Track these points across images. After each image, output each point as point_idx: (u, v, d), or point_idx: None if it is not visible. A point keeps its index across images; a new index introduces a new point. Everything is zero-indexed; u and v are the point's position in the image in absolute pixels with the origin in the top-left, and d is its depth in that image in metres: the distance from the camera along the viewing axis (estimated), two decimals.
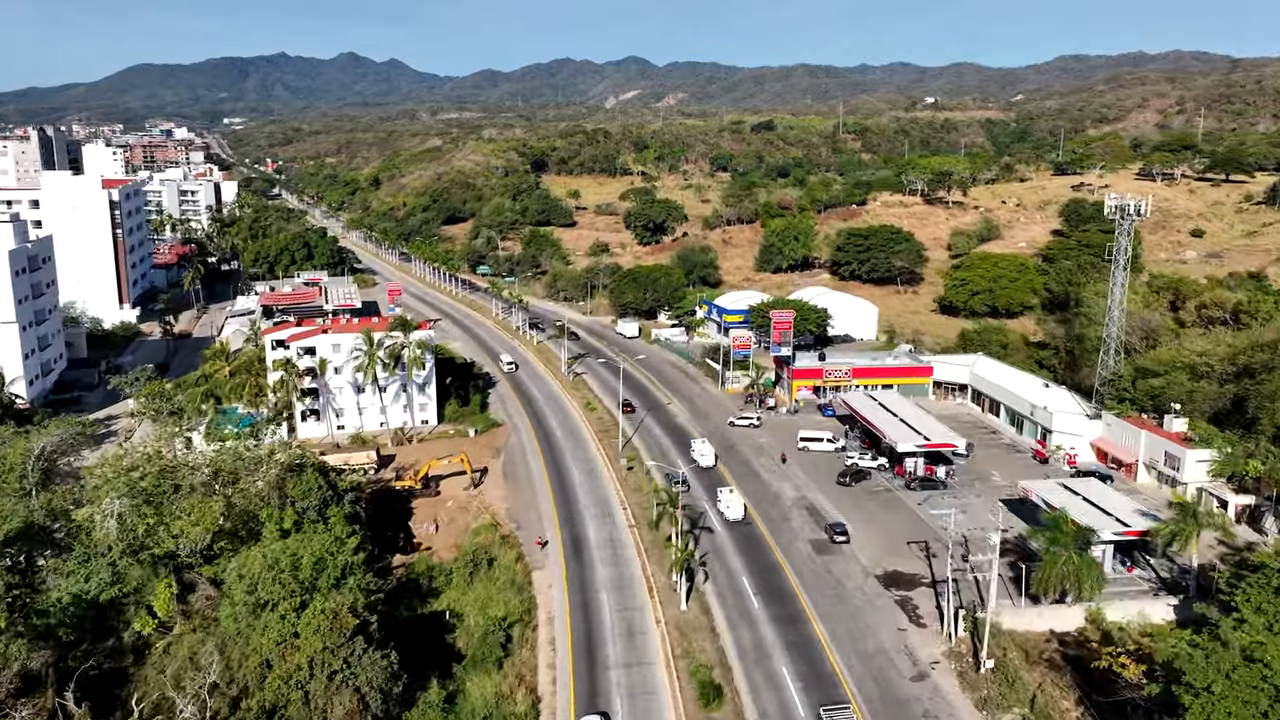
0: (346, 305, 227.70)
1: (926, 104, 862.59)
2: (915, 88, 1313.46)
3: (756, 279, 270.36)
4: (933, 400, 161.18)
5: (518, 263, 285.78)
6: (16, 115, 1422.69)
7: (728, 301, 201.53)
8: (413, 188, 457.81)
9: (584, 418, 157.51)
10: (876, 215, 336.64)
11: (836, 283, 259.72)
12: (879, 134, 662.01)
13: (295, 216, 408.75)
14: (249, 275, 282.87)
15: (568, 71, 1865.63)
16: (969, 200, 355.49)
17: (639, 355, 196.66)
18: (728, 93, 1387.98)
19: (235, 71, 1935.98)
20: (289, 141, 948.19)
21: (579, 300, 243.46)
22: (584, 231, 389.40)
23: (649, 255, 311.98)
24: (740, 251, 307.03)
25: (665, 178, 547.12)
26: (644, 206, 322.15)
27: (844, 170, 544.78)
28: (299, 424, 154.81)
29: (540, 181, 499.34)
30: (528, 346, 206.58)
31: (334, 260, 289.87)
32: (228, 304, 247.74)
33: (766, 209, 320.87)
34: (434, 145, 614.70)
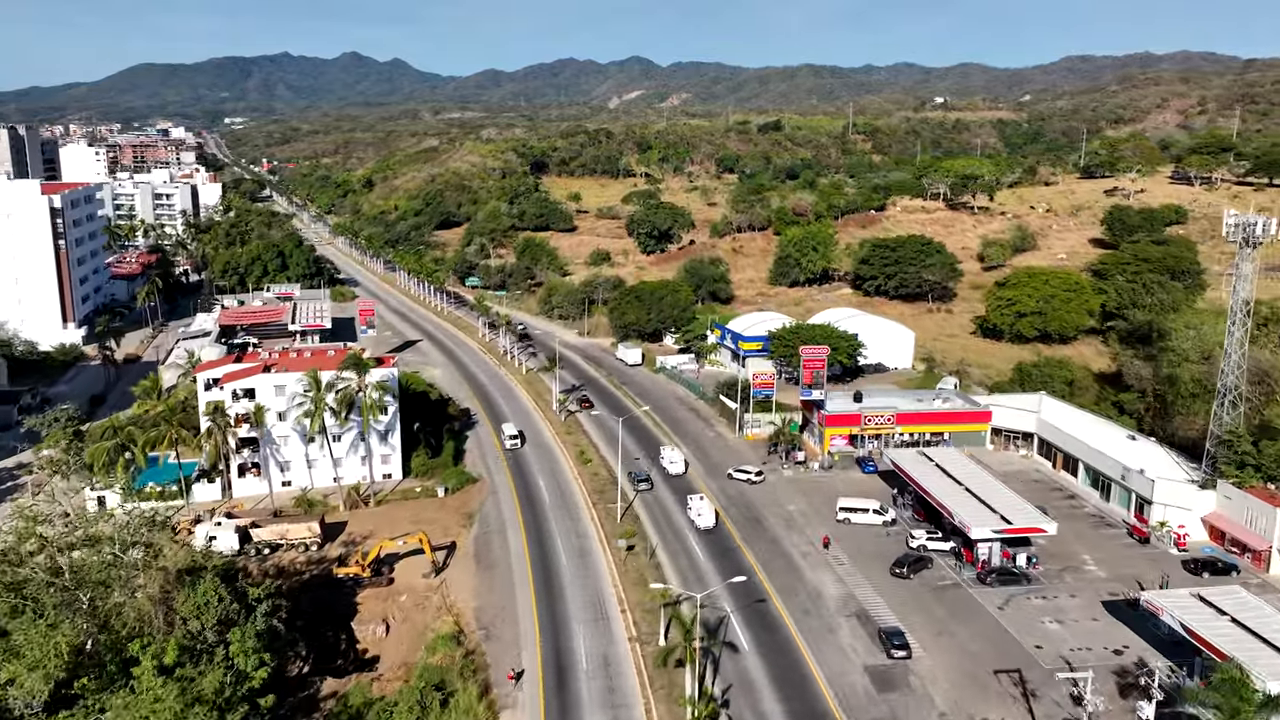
0: (315, 326, 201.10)
1: (936, 104, 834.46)
2: (921, 88, 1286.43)
3: (771, 293, 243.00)
4: (990, 450, 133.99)
5: (510, 274, 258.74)
6: (17, 114, 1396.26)
7: (744, 326, 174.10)
8: (405, 190, 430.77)
9: (576, 471, 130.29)
10: (897, 222, 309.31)
11: (860, 299, 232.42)
12: (890, 135, 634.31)
13: (279, 221, 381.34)
14: (216, 288, 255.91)
15: (571, 71, 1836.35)
16: (995, 205, 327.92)
17: (642, 388, 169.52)
18: (732, 93, 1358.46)
19: (238, 71, 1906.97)
20: (286, 141, 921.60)
21: (575, 319, 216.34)
22: (584, 237, 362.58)
23: (653, 265, 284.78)
24: (752, 262, 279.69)
25: (669, 179, 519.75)
26: (648, 212, 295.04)
27: (854, 172, 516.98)
28: (235, 480, 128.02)
29: (540, 183, 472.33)
30: (515, 375, 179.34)
31: (310, 271, 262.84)
32: (189, 321, 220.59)
33: (780, 215, 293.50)
34: (430, 146, 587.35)
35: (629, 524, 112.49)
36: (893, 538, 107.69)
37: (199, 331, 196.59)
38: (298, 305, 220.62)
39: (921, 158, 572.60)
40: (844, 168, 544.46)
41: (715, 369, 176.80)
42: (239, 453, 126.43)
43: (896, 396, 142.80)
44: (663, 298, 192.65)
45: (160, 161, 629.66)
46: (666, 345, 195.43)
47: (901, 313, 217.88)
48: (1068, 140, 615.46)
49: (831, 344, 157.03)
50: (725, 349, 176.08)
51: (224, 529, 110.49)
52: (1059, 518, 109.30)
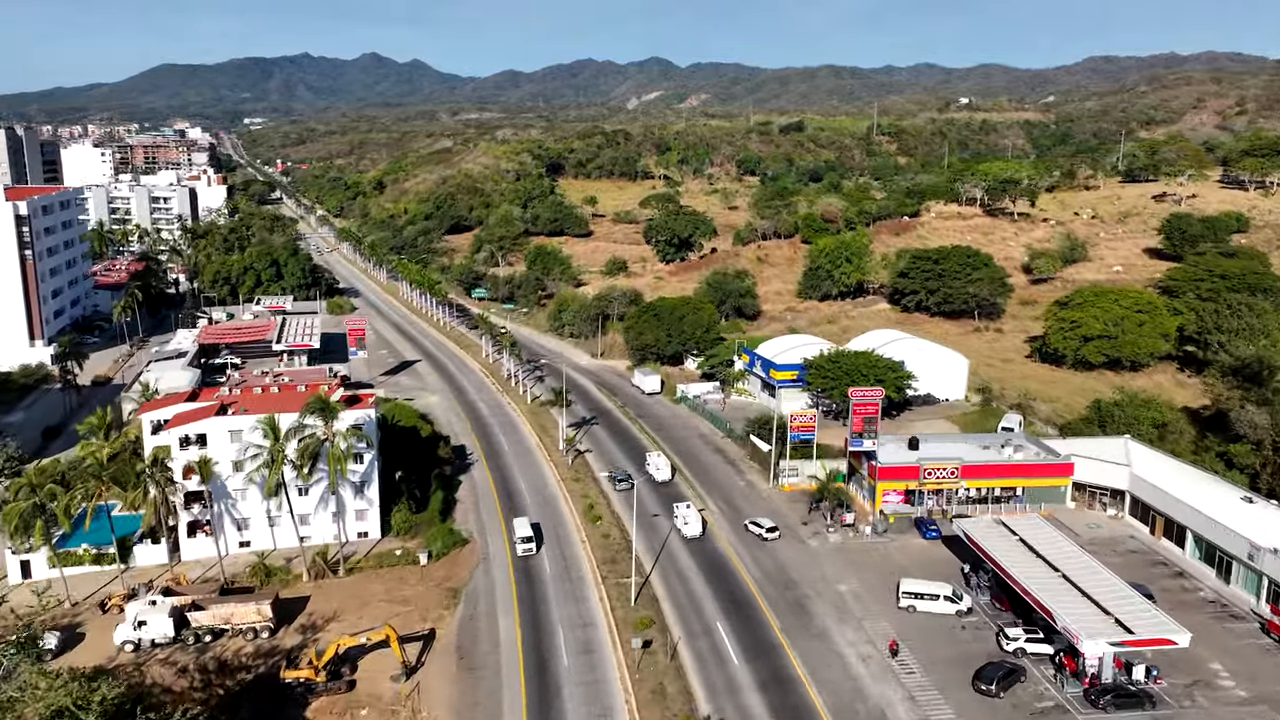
0: (302, 345, 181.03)
1: (961, 104, 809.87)
2: (943, 89, 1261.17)
3: (801, 308, 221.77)
4: (1072, 508, 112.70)
5: (519, 285, 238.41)
6: (40, 115, 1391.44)
7: (775, 351, 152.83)
8: (416, 193, 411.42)
9: (584, 532, 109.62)
10: (933, 229, 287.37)
11: (898, 315, 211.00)
12: (915, 136, 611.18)
13: (284, 225, 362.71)
14: (205, 299, 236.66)
15: (589, 72, 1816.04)
16: (1036, 211, 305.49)
17: (660, 421, 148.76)
18: (751, 93, 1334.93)
19: (258, 72, 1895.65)
20: (302, 142, 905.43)
21: (588, 337, 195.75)
22: (600, 243, 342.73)
23: (673, 275, 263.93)
24: (779, 272, 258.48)
25: (689, 182, 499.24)
26: (668, 219, 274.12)
27: (879, 174, 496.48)
28: (184, 540, 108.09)
29: (555, 186, 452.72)
30: (519, 404, 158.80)
31: (306, 281, 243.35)
32: (169, 337, 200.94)
33: (808, 222, 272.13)
34: (444, 147, 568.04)
35: (645, 608, 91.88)
36: (969, 631, 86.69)
37: (174, 352, 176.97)
38: (287, 321, 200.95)
39: (951, 159, 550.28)
40: (869, 170, 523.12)
41: (743, 399, 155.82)
42: (189, 509, 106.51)
43: (958, 442, 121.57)
44: (684, 316, 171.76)
45: (172, 163, 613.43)
46: (688, 370, 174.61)
47: (945, 332, 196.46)
48: (1098, 142, 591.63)
49: (877, 375, 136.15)
50: (754, 377, 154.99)
51: (157, 612, 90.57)
52: (1170, 604, 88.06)
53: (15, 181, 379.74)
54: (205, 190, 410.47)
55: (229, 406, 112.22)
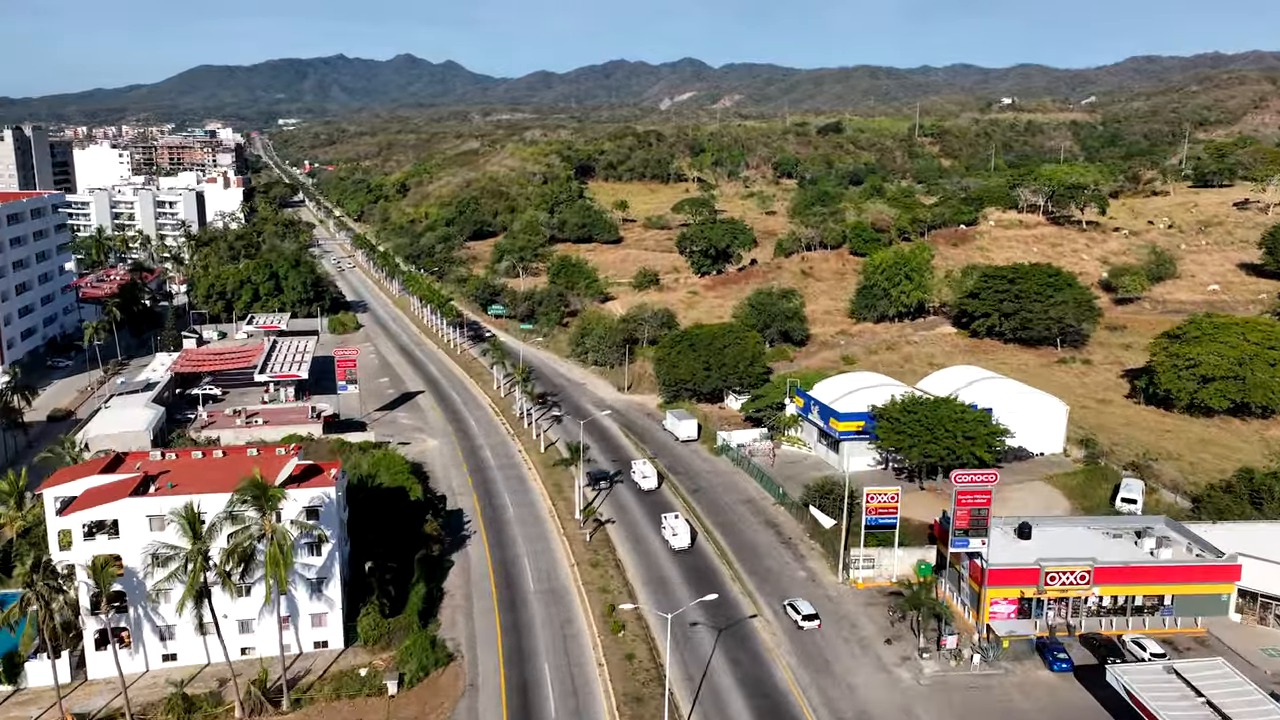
0: (287, 376, 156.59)
1: (1003, 105, 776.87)
2: (980, 89, 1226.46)
3: (854, 331, 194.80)
4: (1238, 621, 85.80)
5: (540, 301, 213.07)
6: (79, 116, 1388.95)
7: (835, 394, 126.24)
8: (438, 196, 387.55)
9: (602, 648, 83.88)
10: (994, 239, 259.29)
11: (967, 341, 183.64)
12: (959, 137, 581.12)
13: (297, 231, 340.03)
14: (193, 317, 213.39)
15: (622, 73, 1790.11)
16: (1106, 220, 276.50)
17: (697, 477, 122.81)
18: (785, 94, 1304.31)
19: (293, 73, 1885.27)
20: (332, 142, 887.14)
21: (614, 365, 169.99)
22: (630, 251, 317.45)
23: (709, 290, 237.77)
24: (826, 288, 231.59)
25: (723, 185, 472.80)
26: (703, 228, 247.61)
27: (923, 177, 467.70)
28: (91, 653, 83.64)
29: (584, 189, 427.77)
30: (532, 452, 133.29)
31: (307, 295, 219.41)
32: (149, 361, 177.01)
33: (857, 232, 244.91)
34: (470, 149, 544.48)
35: None
36: None
37: (140, 384, 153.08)
38: (277, 345, 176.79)
39: (997, 162, 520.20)
40: (911, 173, 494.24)
41: (796, 451, 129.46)
42: (98, 613, 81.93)
43: (1076, 526, 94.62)
44: (725, 347, 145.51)
45: (196, 164, 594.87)
46: (729, 409, 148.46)
47: (1024, 363, 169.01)
48: (1150, 143, 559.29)
49: (965, 431, 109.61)
50: (810, 424, 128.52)
51: None
52: None
53: (23, 184, 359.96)
54: (221, 193, 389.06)
55: (154, 479, 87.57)
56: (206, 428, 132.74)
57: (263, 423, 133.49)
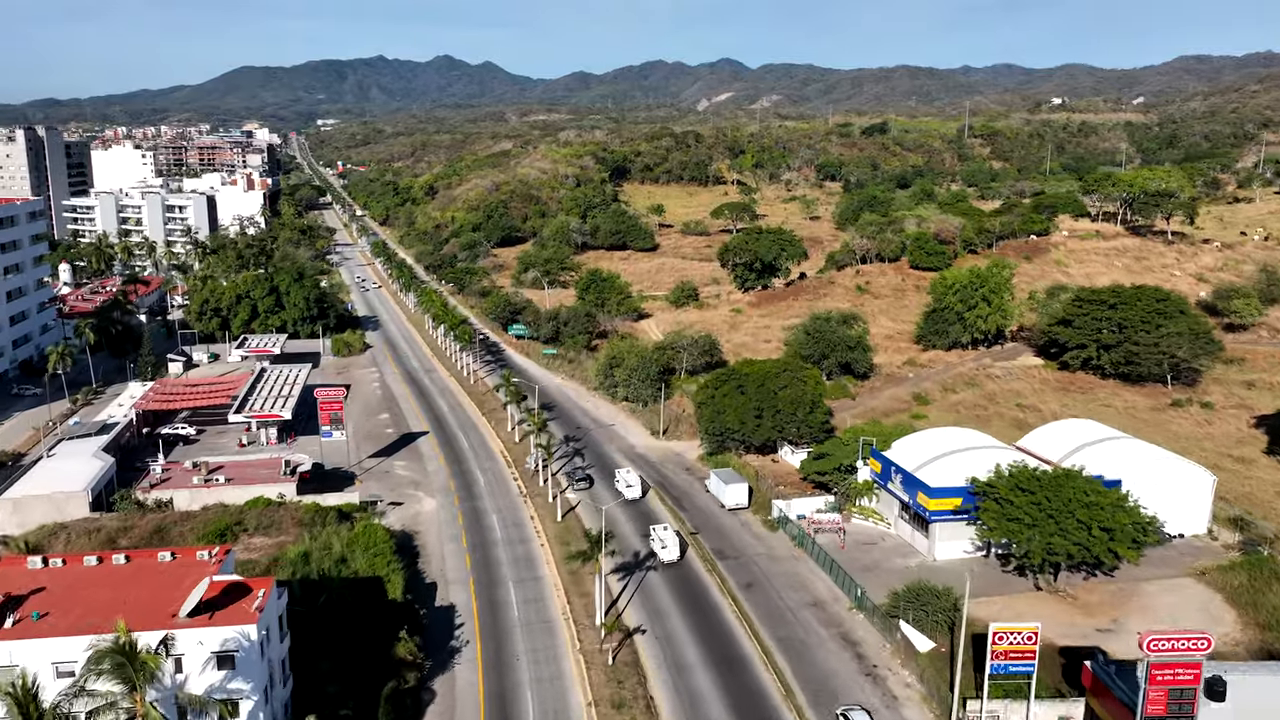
0: (267, 415, 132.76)
1: (1053, 105, 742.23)
2: (1024, 89, 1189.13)
3: (922, 360, 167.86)
4: None
5: (566, 321, 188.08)
6: (123, 116, 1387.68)
7: (921, 457, 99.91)
8: (465, 200, 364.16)
9: None
10: (1071, 253, 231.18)
11: (1058, 375, 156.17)
12: (1010, 138, 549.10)
13: (314, 237, 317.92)
14: (181, 337, 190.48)
15: (659, 74, 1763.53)
16: (1193, 230, 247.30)
17: (749, 565, 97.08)
18: (824, 95, 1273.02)
19: (334, 74, 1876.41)
20: (367, 143, 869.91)
21: (647, 403, 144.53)
22: (667, 260, 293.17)
23: (754, 308, 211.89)
24: (885, 306, 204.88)
25: (764, 188, 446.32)
26: (748, 239, 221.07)
27: (973, 180, 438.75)
28: None
29: (619, 192, 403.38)
30: (548, 519, 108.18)
31: (311, 313, 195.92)
32: (123, 390, 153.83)
33: (919, 244, 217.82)
34: (501, 150, 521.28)
35: None
36: None
37: (97, 425, 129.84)
38: (264, 374, 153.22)
39: (1052, 164, 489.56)
40: (961, 175, 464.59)
41: (871, 526, 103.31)
42: None
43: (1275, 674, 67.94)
44: (781, 389, 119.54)
45: (226, 164, 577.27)
46: (783, 462, 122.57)
47: (1131, 405, 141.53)
48: (1211, 145, 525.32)
49: (1101, 522, 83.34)
50: (891, 495, 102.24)
51: None
52: None
53: (35, 186, 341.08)
54: (241, 195, 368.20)
55: (18, 603, 63.41)
56: (158, 487, 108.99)
57: (224, 481, 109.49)
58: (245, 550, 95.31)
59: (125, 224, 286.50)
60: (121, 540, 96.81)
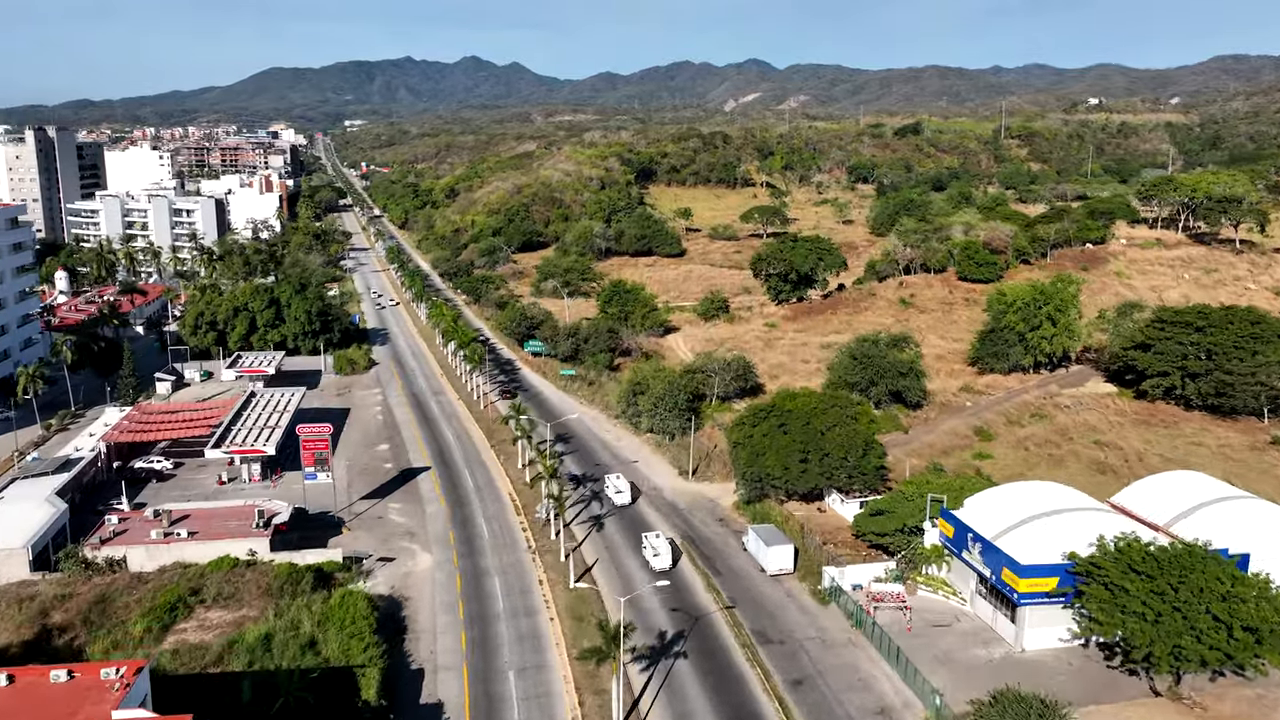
0: (249, 451, 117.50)
1: (1090, 105, 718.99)
2: (1056, 90, 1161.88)
3: (979, 386, 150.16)
4: None
5: (586, 338, 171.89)
6: (154, 117, 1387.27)
7: (1001, 521, 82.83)
8: (486, 203, 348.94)
9: None
10: (1132, 263, 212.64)
11: (1136, 405, 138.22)
12: (1049, 139, 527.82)
13: (329, 242, 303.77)
14: (171, 353, 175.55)
15: (686, 74, 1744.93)
16: (1264, 239, 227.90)
17: (796, 648, 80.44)
18: (852, 95, 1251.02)
19: (362, 75, 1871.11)
20: (392, 144, 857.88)
21: (674, 435, 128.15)
22: (694, 266, 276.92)
23: (789, 322, 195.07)
24: (932, 322, 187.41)
25: (795, 190, 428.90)
26: (783, 248, 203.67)
27: (1011, 182, 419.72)
28: None
29: (645, 195, 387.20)
30: (557, 589, 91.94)
31: (313, 327, 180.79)
32: (101, 413, 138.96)
33: (969, 254, 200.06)
34: (525, 151, 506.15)
35: None
36: None
37: (57, 461, 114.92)
38: (253, 398, 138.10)
39: (1092, 166, 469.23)
40: (998, 177, 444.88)
41: (941, 602, 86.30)
42: None
43: None
44: (829, 429, 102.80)
45: (248, 165, 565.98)
46: (831, 511, 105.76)
47: (1224, 442, 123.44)
48: (1256, 146, 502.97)
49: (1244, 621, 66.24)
50: (965, 565, 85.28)
51: None
52: None
53: (45, 188, 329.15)
54: (257, 198, 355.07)
55: None
56: (111, 542, 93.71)
57: (187, 535, 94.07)
58: (199, 629, 79.88)
59: (131, 228, 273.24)
60: (56, 613, 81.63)
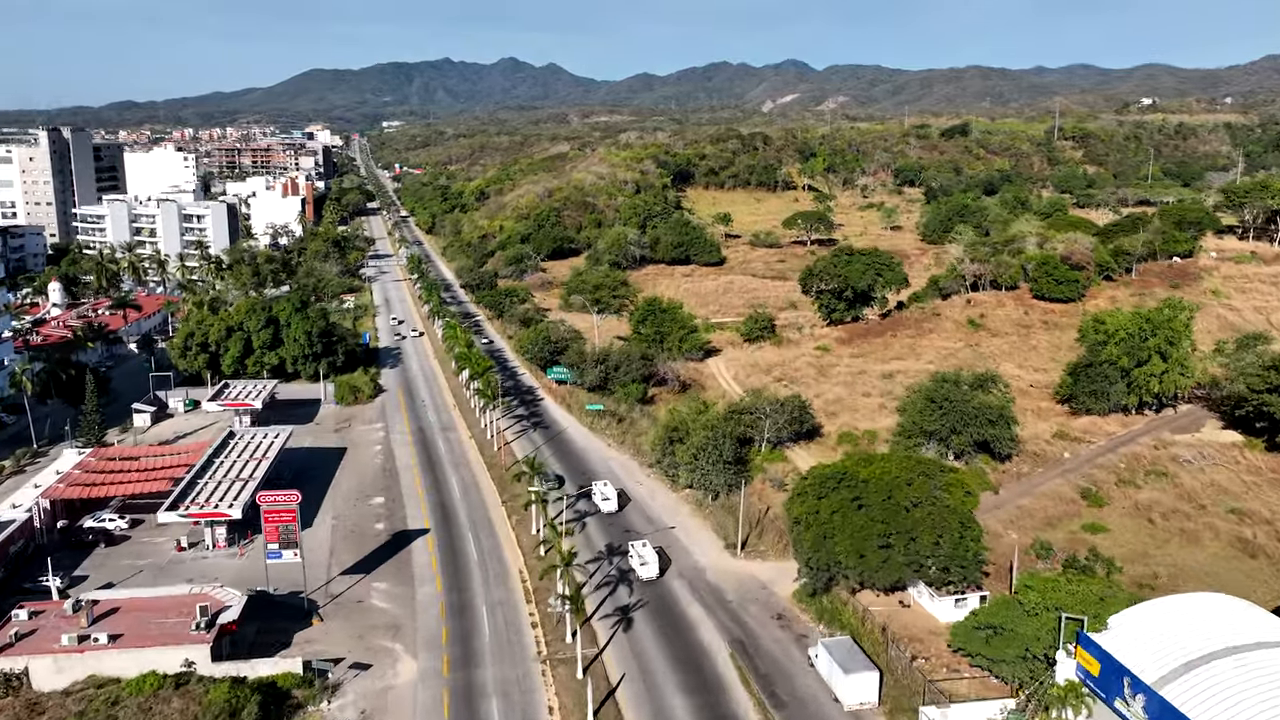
0: (209, 515, 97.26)
1: (1143, 105, 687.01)
2: (1101, 90, 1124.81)
3: (1075, 429, 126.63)
4: None
5: (617, 365, 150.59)
6: (195, 118, 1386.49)
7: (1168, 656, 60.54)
8: (515, 208, 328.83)
9: None
10: (1228, 280, 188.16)
11: (1264, 456, 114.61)
12: (1105, 141, 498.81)
13: (348, 249, 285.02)
14: (161, 377, 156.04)
15: (724, 75, 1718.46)
16: None
17: None
18: (892, 96, 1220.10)
19: (400, 76, 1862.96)
20: (427, 145, 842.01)
21: (719, 494, 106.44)
22: (735, 278, 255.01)
23: (844, 345, 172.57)
24: (1006, 347, 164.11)
25: (839, 194, 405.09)
26: (837, 262, 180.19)
27: (1066, 186, 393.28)
28: None
29: (681, 199, 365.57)
30: (570, 708, 71.07)
31: (314, 349, 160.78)
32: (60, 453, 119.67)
33: (1046, 269, 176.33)
34: (558, 152, 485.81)
35: None
36: None
37: None
38: (229, 442, 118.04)
39: (1153, 169, 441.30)
40: (1052, 181, 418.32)
41: None
42: None
43: None
44: (914, 505, 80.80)
45: (278, 167, 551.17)
46: (918, 607, 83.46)
47: None
48: None
49: None
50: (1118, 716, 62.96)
51: None
52: None
53: (59, 191, 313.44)
54: (278, 201, 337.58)
55: None
56: (10, 650, 73.58)
57: (107, 640, 73.81)
58: None
59: (139, 234, 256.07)
60: None
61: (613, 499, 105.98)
